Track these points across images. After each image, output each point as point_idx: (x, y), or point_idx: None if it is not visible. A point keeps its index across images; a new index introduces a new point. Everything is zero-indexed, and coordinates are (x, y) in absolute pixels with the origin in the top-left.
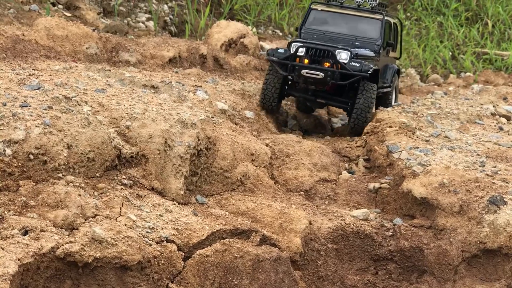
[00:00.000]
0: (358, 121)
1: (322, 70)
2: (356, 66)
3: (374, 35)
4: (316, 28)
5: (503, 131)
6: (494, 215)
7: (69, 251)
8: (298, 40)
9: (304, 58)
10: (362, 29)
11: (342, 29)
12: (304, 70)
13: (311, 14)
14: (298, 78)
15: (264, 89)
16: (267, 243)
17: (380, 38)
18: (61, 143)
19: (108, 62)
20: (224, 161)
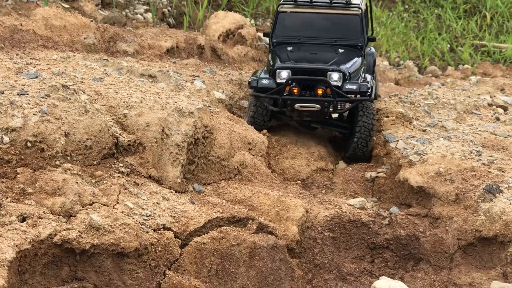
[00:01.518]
0: (362, 142)
1: (318, 101)
2: (353, 89)
3: (355, 34)
4: (288, 34)
5: (500, 121)
6: (490, 203)
7: (66, 238)
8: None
9: (294, 88)
10: (340, 29)
11: (318, 32)
12: (298, 103)
13: (280, 19)
14: (291, 112)
15: (252, 120)
16: (264, 231)
17: (362, 37)
18: (59, 131)
19: (106, 52)
20: (221, 149)
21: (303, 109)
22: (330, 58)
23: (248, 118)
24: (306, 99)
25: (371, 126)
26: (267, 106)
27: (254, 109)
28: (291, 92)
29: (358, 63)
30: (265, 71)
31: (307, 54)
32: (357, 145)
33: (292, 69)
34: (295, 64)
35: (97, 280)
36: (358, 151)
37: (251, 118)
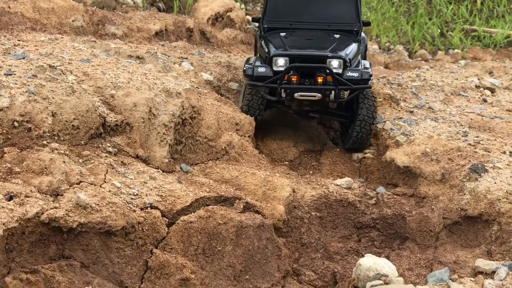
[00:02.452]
0: (362, 134)
1: (319, 90)
2: (355, 76)
3: (350, 19)
4: (280, 19)
5: (487, 103)
6: (475, 182)
7: (53, 216)
8: (279, 54)
9: (292, 76)
10: (334, 13)
11: (311, 17)
12: (297, 92)
13: (271, 3)
14: (290, 101)
15: (246, 109)
16: (251, 210)
17: (357, 21)
18: (46, 111)
19: (94, 35)
20: (209, 130)
21: (303, 98)
22: (327, 44)
23: (243, 108)
24: (306, 87)
25: (372, 118)
26: (264, 96)
27: (249, 98)
28: (289, 81)
29: (356, 49)
30: (259, 58)
31: (303, 40)
32: (358, 137)
33: (289, 56)
34: (293, 50)
35: (84, 258)
36: (358, 143)
37: (246, 107)
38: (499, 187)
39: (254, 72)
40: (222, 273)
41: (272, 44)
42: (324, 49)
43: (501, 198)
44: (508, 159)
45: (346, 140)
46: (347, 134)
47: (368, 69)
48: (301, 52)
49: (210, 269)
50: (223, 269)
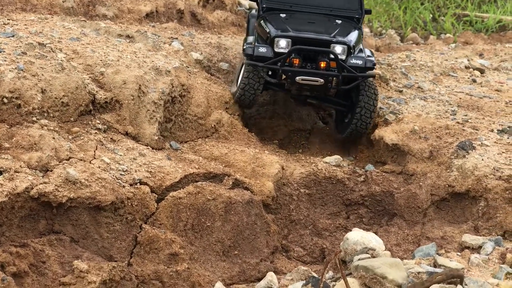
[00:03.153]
0: (362, 123)
1: (322, 75)
2: (359, 63)
3: (352, 5)
4: (279, 1)
5: (476, 83)
6: (463, 159)
7: (43, 191)
8: (282, 35)
9: (294, 58)
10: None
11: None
12: (299, 76)
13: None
14: (291, 85)
15: (242, 91)
16: (240, 186)
17: (360, 8)
18: (35, 88)
19: (84, 16)
20: (198, 108)
21: (305, 83)
22: (331, 29)
23: (238, 90)
24: (309, 71)
25: (373, 107)
26: (262, 77)
27: (246, 81)
28: (291, 63)
29: (358, 37)
30: (258, 38)
31: (305, 22)
32: (356, 127)
33: (292, 38)
34: (296, 32)
35: (74, 233)
36: (356, 133)
37: (242, 90)
38: (486, 164)
39: (254, 52)
40: (211, 249)
41: (273, 24)
42: (328, 34)
43: (488, 174)
44: (496, 136)
45: (342, 128)
46: (343, 123)
47: (372, 57)
48: (305, 35)
49: (199, 245)
50: (212, 244)
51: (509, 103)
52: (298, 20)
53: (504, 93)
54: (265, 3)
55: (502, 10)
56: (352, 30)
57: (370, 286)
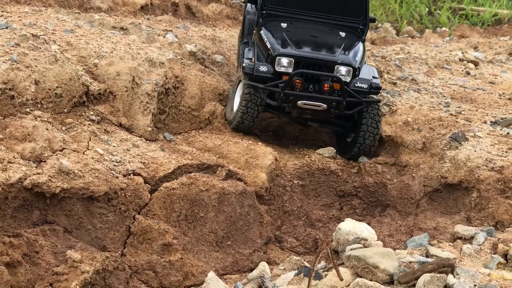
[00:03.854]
0: (366, 146)
1: (326, 100)
2: (364, 87)
3: (357, 14)
4: (280, 6)
5: (470, 75)
6: (456, 151)
7: (36, 182)
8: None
9: (296, 79)
10: (340, 5)
11: (315, 6)
12: (301, 100)
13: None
14: (291, 109)
15: (241, 115)
16: (233, 177)
17: (365, 18)
18: (29, 79)
19: (79, 9)
20: (192, 100)
21: (307, 107)
22: (335, 45)
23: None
24: (311, 96)
25: (377, 129)
26: (262, 100)
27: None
28: (293, 85)
29: (362, 53)
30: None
31: (308, 36)
32: (360, 150)
33: (295, 57)
34: (299, 51)
35: (67, 224)
36: (363, 151)
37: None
38: (478, 155)
39: (254, 71)
40: (204, 239)
41: (275, 38)
42: (332, 52)
43: (481, 165)
44: (489, 128)
45: (345, 149)
46: (346, 143)
47: (377, 79)
48: (308, 55)
49: (192, 235)
50: (205, 235)
51: (502, 95)
52: (300, 33)
53: (497, 85)
54: (265, 9)
55: (498, 4)
56: (357, 46)
57: (362, 275)
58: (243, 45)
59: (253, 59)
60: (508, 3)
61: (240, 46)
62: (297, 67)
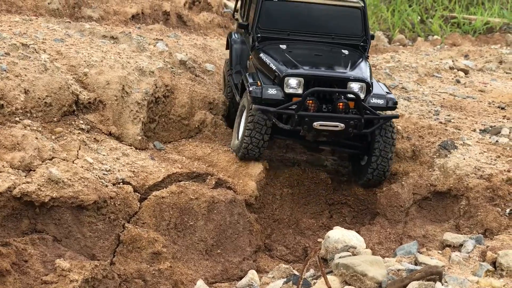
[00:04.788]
0: (379, 172)
1: (343, 119)
2: (380, 103)
3: (356, 31)
4: (275, 28)
5: (460, 83)
6: (445, 159)
7: (25, 191)
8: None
9: (309, 100)
10: (338, 23)
11: (312, 25)
12: (317, 122)
13: (264, 8)
14: (307, 132)
15: (246, 145)
16: (223, 186)
17: (365, 35)
18: (18, 88)
19: (70, 18)
20: (182, 109)
21: (324, 129)
22: (342, 61)
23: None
24: (327, 116)
25: (390, 154)
26: (269, 126)
27: (250, 132)
28: (305, 107)
29: (370, 68)
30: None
31: (312, 55)
32: (373, 176)
33: (305, 76)
34: (307, 70)
35: (57, 232)
36: (374, 181)
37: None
38: (467, 163)
39: (262, 95)
40: (194, 247)
41: (277, 59)
42: (342, 69)
43: (470, 173)
44: (478, 136)
45: (359, 173)
46: (360, 167)
47: (391, 94)
48: (319, 73)
49: (182, 244)
50: (195, 243)
51: (492, 103)
52: (303, 53)
53: (487, 93)
54: (259, 32)
55: (489, 12)
56: (363, 62)
57: (351, 283)
58: (235, 75)
59: (259, 82)
60: (500, 12)
61: (230, 76)
62: (307, 87)
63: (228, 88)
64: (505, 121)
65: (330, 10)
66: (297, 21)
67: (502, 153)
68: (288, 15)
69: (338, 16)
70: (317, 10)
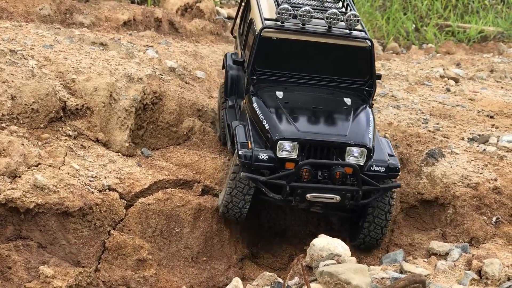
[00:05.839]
0: (371, 238)
1: (339, 191)
2: (381, 170)
3: (361, 73)
4: (273, 69)
5: (450, 92)
6: (432, 167)
7: (10, 197)
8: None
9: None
10: (342, 65)
11: (313, 68)
12: (311, 194)
13: (261, 47)
14: (299, 202)
15: (227, 201)
16: (210, 193)
17: (371, 78)
18: (5, 94)
19: (61, 24)
20: (170, 115)
21: (318, 200)
22: (343, 118)
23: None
24: (322, 187)
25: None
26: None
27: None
28: (299, 175)
29: (373, 124)
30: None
31: (310, 108)
32: (364, 241)
33: (300, 141)
34: (303, 132)
35: (42, 239)
36: (366, 246)
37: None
38: (455, 172)
39: (253, 160)
40: (180, 255)
41: (272, 115)
42: (341, 129)
43: (457, 182)
44: (466, 145)
45: (353, 234)
46: (356, 228)
47: (394, 157)
48: (316, 138)
49: (167, 251)
50: (180, 250)
51: (481, 112)
52: (301, 104)
53: (477, 102)
54: (256, 74)
55: (484, 21)
56: (366, 116)
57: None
58: (229, 111)
59: (250, 144)
60: (495, 20)
61: (224, 111)
62: (302, 150)
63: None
64: (493, 130)
65: (334, 50)
66: (297, 62)
67: (490, 162)
68: (288, 55)
69: (342, 57)
70: (320, 49)
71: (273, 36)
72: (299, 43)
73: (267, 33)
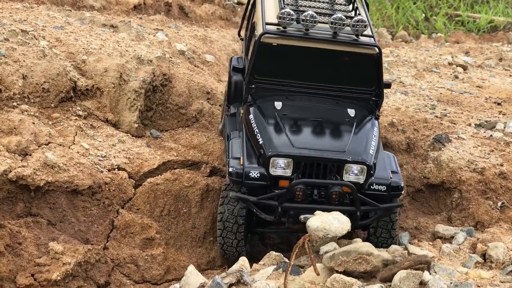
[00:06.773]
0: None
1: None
2: (382, 189)
3: (368, 82)
4: (273, 77)
5: (458, 79)
6: (439, 152)
7: (21, 174)
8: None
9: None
10: (347, 73)
11: (317, 76)
12: (305, 215)
13: (262, 53)
14: (293, 224)
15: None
16: (217, 174)
17: (378, 87)
18: (17, 73)
19: (72, 7)
20: (180, 98)
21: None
22: (343, 131)
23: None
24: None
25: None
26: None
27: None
28: (292, 196)
29: (377, 138)
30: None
31: (309, 121)
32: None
33: (293, 157)
34: (298, 148)
35: (51, 216)
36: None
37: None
38: (461, 156)
39: (244, 177)
40: (187, 234)
41: (268, 129)
42: (340, 144)
43: (463, 166)
44: (473, 130)
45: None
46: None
47: (397, 174)
48: (311, 154)
49: (175, 230)
50: (188, 230)
51: (489, 98)
52: (300, 117)
53: (485, 89)
54: (255, 82)
55: (494, 11)
56: (370, 129)
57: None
58: (230, 119)
59: (242, 159)
60: (505, 10)
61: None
62: (297, 167)
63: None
64: (500, 116)
65: (340, 57)
66: (300, 70)
67: (496, 147)
68: (289, 63)
69: (348, 65)
70: (324, 57)
71: (273, 42)
72: (302, 49)
73: (267, 39)
